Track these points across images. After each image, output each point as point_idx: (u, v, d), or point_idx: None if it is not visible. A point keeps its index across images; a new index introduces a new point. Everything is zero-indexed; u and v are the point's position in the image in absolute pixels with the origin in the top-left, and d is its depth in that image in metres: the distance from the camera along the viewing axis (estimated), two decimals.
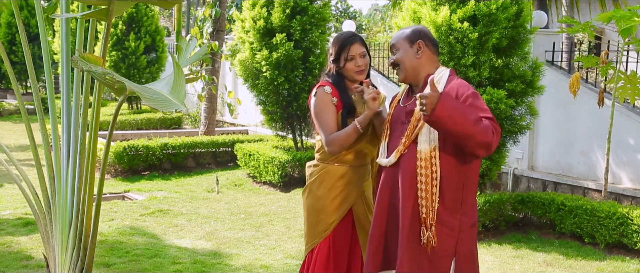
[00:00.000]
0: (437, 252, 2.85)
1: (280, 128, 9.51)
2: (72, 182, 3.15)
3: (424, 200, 2.84)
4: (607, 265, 5.47)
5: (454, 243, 2.87)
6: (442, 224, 2.85)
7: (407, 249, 2.87)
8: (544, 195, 6.55)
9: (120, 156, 9.51)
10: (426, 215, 2.84)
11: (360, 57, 3.28)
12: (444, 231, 2.85)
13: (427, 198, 2.83)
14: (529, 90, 6.39)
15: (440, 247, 2.85)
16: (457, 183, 2.87)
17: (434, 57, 3.05)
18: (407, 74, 3.04)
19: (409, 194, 2.88)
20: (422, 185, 2.85)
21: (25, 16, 18.83)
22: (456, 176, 2.86)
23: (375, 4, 47.38)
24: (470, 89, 2.87)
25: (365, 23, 29.66)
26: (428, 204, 2.83)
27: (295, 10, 9.00)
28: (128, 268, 5.12)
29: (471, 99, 2.82)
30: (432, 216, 2.83)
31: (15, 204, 7.31)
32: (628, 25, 5.49)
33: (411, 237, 2.87)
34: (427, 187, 2.84)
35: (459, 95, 2.85)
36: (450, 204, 2.85)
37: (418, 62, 3.00)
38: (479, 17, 6.10)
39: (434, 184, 2.83)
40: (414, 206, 2.87)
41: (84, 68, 2.50)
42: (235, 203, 7.76)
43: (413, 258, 2.88)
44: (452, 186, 2.86)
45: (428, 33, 3.07)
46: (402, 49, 3.03)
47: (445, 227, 2.85)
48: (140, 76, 14.49)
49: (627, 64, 7.38)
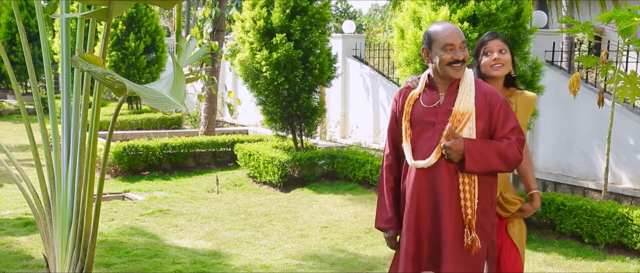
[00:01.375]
0: (475, 255, 2.89)
1: (280, 128, 9.51)
2: (72, 182, 3.15)
3: (469, 201, 2.86)
4: (607, 265, 5.47)
5: (487, 246, 2.93)
6: (480, 227, 2.89)
7: (452, 251, 2.87)
8: (544, 195, 6.55)
9: (120, 156, 9.51)
10: (471, 217, 2.86)
11: (498, 52, 3.30)
12: (480, 234, 2.89)
13: (471, 199, 2.86)
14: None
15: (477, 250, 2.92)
16: (492, 185, 2.94)
17: None
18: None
19: (450, 196, 2.87)
20: (465, 186, 2.86)
21: (25, 16, 18.82)
22: (490, 178, 2.93)
23: (375, 4, 47.33)
24: (501, 98, 2.96)
25: (365, 23, 29.63)
26: (472, 204, 2.86)
27: (295, 10, 8.99)
28: (128, 268, 5.12)
29: (504, 108, 2.93)
30: (474, 219, 2.87)
31: (15, 204, 7.31)
32: (628, 25, 5.49)
33: (456, 239, 2.87)
34: (470, 188, 2.86)
35: (493, 104, 2.91)
36: (484, 206, 2.90)
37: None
38: (479, 17, 6.10)
39: (473, 186, 2.88)
40: (457, 208, 2.87)
41: (84, 68, 2.50)
42: (235, 203, 7.76)
43: (458, 260, 2.89)
44: (487, 189, 2.91)
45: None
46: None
47: (481, 230, 2.89)
48: (140, 76, 14.48)
49: (627, 64, 7.38)
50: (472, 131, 2.89)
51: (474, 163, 2.82)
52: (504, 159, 2.86)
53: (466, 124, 2.88)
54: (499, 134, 2.91)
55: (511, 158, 2.87)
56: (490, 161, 2.85)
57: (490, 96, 2.93)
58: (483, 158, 2.83)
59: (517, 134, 2.91)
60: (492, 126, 2.92)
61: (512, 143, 2.87)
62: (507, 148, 2.87)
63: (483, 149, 2.85)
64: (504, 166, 2.90)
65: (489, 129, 2.93)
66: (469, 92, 2.92)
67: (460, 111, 2.88)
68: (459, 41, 2.88)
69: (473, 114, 2.89)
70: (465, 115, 2.88)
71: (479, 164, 2.83)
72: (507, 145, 2.87)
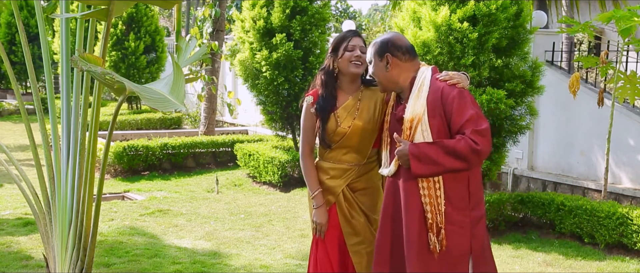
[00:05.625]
0: (453, 254, 2.82)
1: (280, 128, 9.51)
2: (72, 182, 3.15)
3: (429, 205, 2.81)
4: (607, 265, 5.47)
5: (469, 242, 2.83)
6: (453, 224, 2.81)
7: (417, 257, 2.83)
8: (543, 195, 6.55)
9: (120, 156, 9.51)
10: (433, 220, 2.81)
11: (359, 50, 3.27)
12: (455, 230, 2.81)
13: (431, 202, 2.81)
14: (529, 90, 6.39)
15: (454, 248, 2.81)
16: (462, 180, 2.83)
17: (407, 65, 2.96)
18: (384, 87, 3.04)
19: (412, 201, 2.85)
20: (424, 190, 2.82)
21: (25, 16, 18.83)
22: (459, 173, 2.82)
23: (375, 4, 47.37)
24: (454, 90, 2.82)
25: (365, 23, 29.65)
26: (433, 208, 2.81)
27: (295, 11, 9.00)
28: (128, 268, 5.12)
29: (457, 100, 2.79)
30: (440, 219, 2.81)
31: (15, 204, 7.31)
32: (628, 25, 5.49)
33: (420, 245, 2.83)
34: (430, 191, 2.82)
35: (444, 98, 2.81)
36: (457, 202, 2.82)
37: (391, 74, 2.95)
38: (479, 17, 6.10)
39: (437, 187, 2.82)
40: (419, 213, 2.84)
41: (84, 68, 2.50)
42: (235, 203, 7.76)
43: (425, 266, 2.84)
44: (457, 184, 2.82)
45: (396, 41, 2.98)
46: (373, 63, 3.01)
47: (456, 226, 2.81)
48: (140, 76, 14.49)
49: (627, 64, 7.38)
50: (426, 132, 2.82)
51: (420, 166, 2.78)
52: (456, 156, 2.74)
53: (416, 129, 2.83)
54: (455, 128, 2.79)
55: (464, 153, 2.72)
56: (440, 161, 2.75)
57: (443, 90, 2.83)
58: (430, 160, 2.76)
59: (472, 125, 2.74)
60: (447, 120, 2.82)
61: (462, 138, 2.74)
62: (455, 144, 2.74)
63: (428, 151, 2.77)
64: (461, 163, 2.75)
65: (445, 125, 2.82)
66: (418, 95, 2.87)
67: (408, 119, 2.86)
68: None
69: (424, 116, 2.82)
70: (414, 121, 2.85)
71: (428, 166, 2.77)
72: (456, 141, 2.75)
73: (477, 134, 2.73)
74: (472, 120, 2.76)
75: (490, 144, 2.78)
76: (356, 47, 3.25)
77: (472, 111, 2.78)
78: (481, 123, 2.76)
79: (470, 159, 2.74)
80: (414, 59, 2.99)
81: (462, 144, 2.72)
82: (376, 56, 2.98)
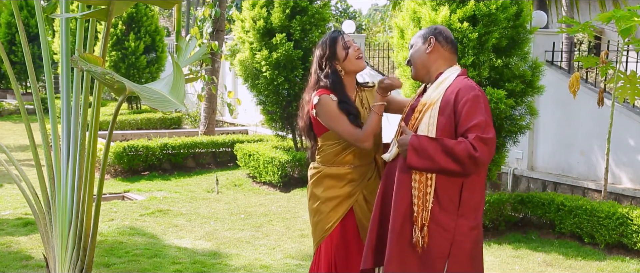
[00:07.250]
0: (431, 253, 2.79)
1: (280, 128, 9.51)
2: (72, 182, 3.15)
3: (417, 199, 2.80)
4: (607, 265, 5.47)
5: (449, 245, 2.79)
6: (437, 224, 2.79)
7: (396, 247, 2.83)
8: (543, 195, 6.55)
9: (120, 156, 9.51)
10: (418, 214, 2.79)
11: (353, 42, 3.31)
12: (438, 231, 2.79)
13: (420, 196, 2.79)
14: (529, 90, 6.39)
15: (434, 247, 2.79)
16: (455, 183, 2.80)
17: (448, 55, 2.99)
18: (417, 71, 3.04)
19: (403, 191, 2.84)
20: (415, 183, 2.81)
21: (25, 16, 18.83)
22: (454, 176, 2.80)
23: (375, 4, 47.35)
24: (471, 93, 2.80)
25: (365, 23, 29.64)
26: (420, 202, 2.79)
27: (295, 11, 9.00)
28: (128, 268, 5.12)
29: (470, 103, 2.77)
30: (425, 215, 2.78)
31: (15, 204, 7.31)
32: (628, 25, 5.49)
33: (402, 235, 2.83)
34: (421, 186, 2.80)
35: (459, 99, 2.79)
36: (446, 204, 2.79)
37: (428, 58, 2.98)
38: (479, 17, 6.10)
39: (428, 183, 2.79)
40: (407, 204, 2.83)
41: (84, 68, 2.50)
42: (235, 203, 7.76)
43: (402, 257, 2.83)
44: (450, 186, 2.79)
45: (444, 31, 3.03)
46: (414, 46, 3.04)
47: (440, 227, 2.78)
48: (140, 76, 14.49)
49: (627, 64, 7.38)
50: (432, 126, 2.81)
51: (416, 159, 2.76)
52: (453, 157, 2.70)
53: (424, 115, 2.84)
54: (461, 130, 2.76)
55: (461, 156, 2.69)
56: (436, 158, 2.72)
57: (459, 91, 2.81)
58: (427, 154, 2.74)
59: (478, 131, 2.71)
60: (455, 121, 2.79)
61: (463, 141, 2.71)
62: (455, 145, 2.70)
63: (428, 145, 2.75)
64: (456, 165, 2.71)
65: (451, 126, 2.80)
66: (438, 86, 2.89)
67: (421, 102, 2.89)
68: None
69: (435, 106, 2.82)
70: (425, 105, 2.86)
71: (423, 160, 2.75)
72: (457, 142, 2.72)
73: (479, 141, 2.70)
74: (479, 126, 2.73)
75: (490, 154, 2.74)
76: (350, 40, 3.30)
77: (482, 118, 2.75)
78: (487, 131, 2.73)
79: (465, 163, 2.71)
80: (453, 53, 3.02)
81: (461, 147, 2.71)
82: (420, 38, 3.03)
